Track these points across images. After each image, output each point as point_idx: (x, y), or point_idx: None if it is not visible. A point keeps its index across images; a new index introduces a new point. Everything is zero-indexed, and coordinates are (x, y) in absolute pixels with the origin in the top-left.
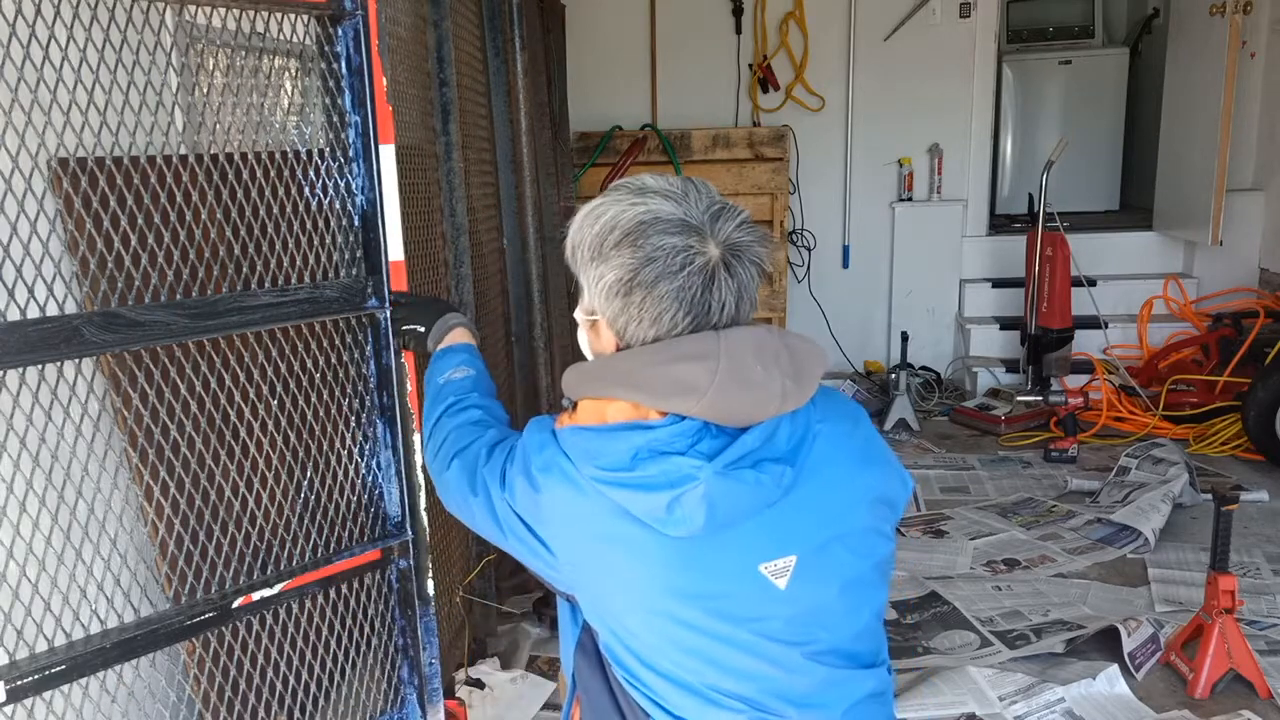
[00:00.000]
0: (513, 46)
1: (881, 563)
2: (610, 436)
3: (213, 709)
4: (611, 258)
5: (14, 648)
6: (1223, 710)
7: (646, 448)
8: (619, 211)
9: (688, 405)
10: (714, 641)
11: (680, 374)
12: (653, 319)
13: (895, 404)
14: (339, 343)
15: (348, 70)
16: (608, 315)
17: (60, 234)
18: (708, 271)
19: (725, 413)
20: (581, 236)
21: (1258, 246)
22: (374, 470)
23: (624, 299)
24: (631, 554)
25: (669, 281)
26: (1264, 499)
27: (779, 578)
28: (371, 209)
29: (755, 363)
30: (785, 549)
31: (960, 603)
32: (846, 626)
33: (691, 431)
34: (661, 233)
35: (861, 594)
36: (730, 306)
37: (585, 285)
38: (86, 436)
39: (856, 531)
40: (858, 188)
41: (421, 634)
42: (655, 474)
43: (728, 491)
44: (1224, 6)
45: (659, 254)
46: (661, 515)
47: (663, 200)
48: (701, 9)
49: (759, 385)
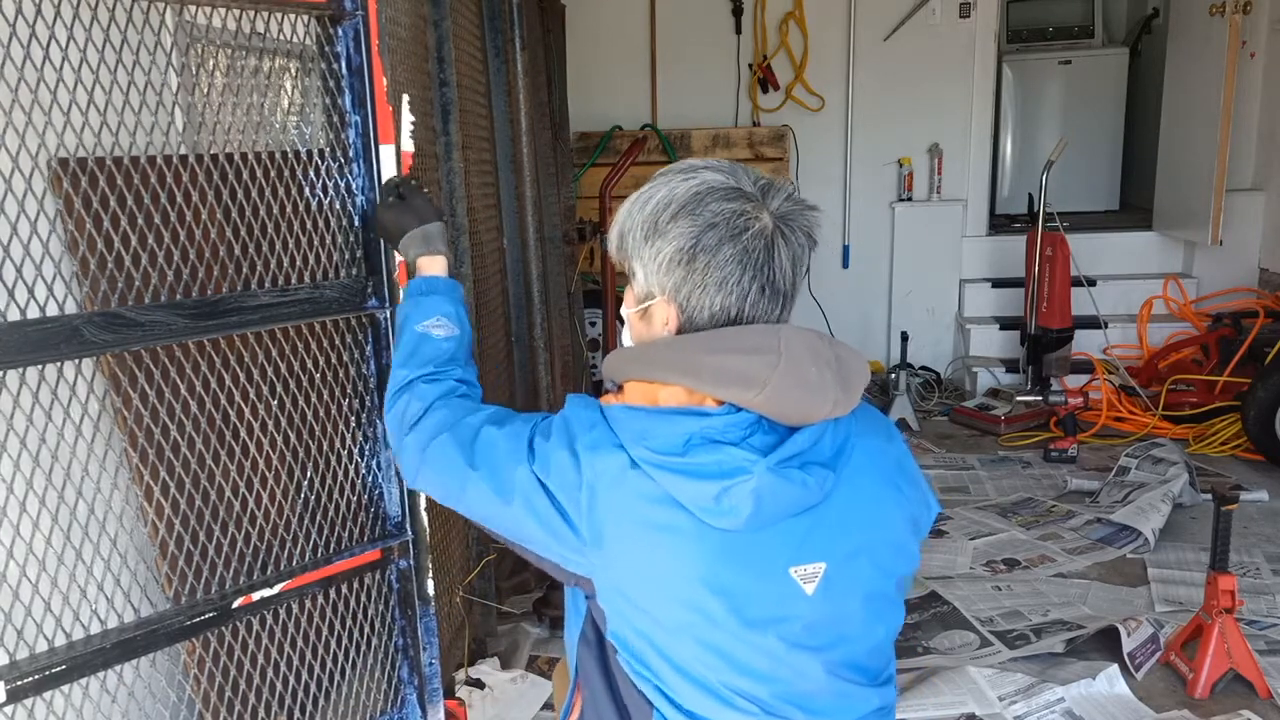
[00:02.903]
0: (513, 46)
1: (902, 581)
2: (664, 419)
3: (213, 709)
4: (669, 231)
5: (14, 648)
6: (1222, 710)
7: (700, 434)
8: (671, 188)
9: (746, 396)
10: (737, 640)
11: (740, 365)
12: (718, 284)
13: (895, 404)
14: (339, 343)
15: (348, 70)
16: (669, 289)
17: (60, 234)
18: (767, 236)
19: (781, 410)
20: (632, 221)
21: (1257, 246)
22: (374, 470)
23: (687, 267)
24: (671, 541)
25: (732, 245)
26: (1264, 499)
27: (808, 583)
28: (371, 209)
29: (811, 365)
30: (816, 555)
31: (960, 603)
32: (863, 640)
33: (746, 424)
34: (720, 199)
35: (881, 609)
36: (789, 272)
37: (640, 268)
38: (86, 436)
39: (883, 546)
40: (857, 188)
41: (421, 634)
42: (708, 462)
43: (776, 489)
44: (1224, 6)
45: (719, 219)
46: (709, 505)
47: (713, 173)
48: (701, 9)
49: (815, 387)
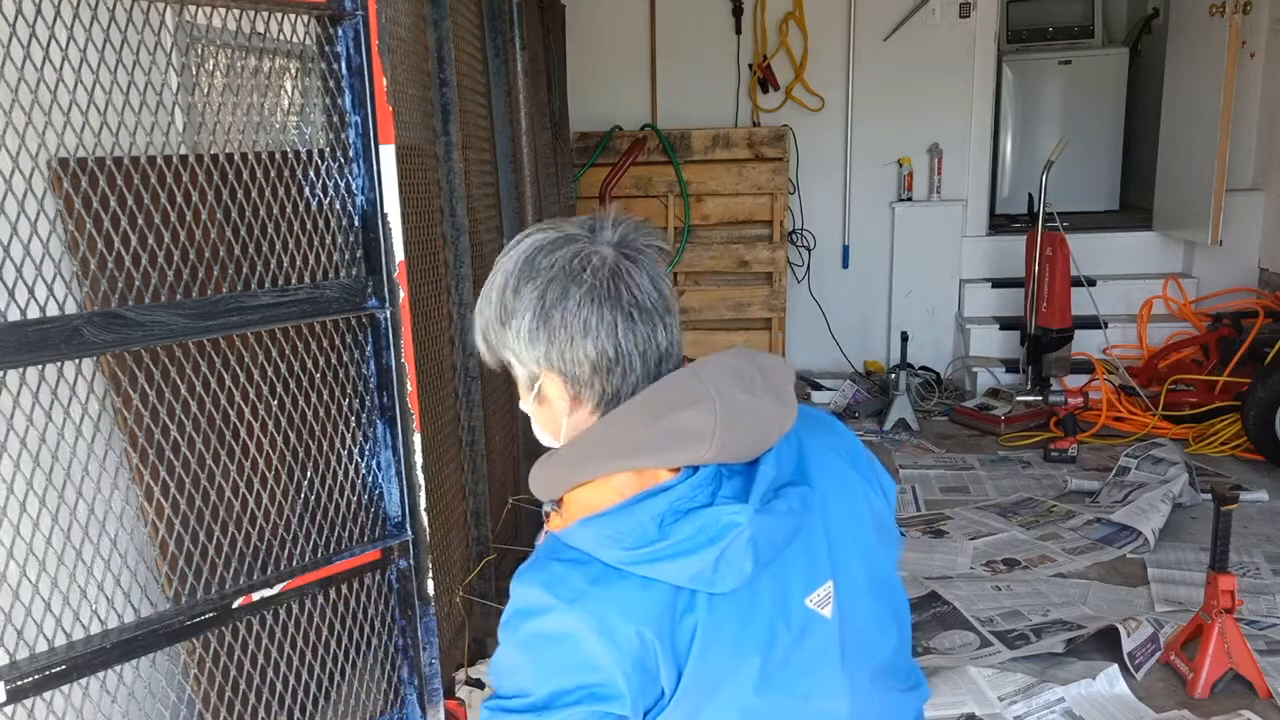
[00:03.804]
0: (513, 46)
1: (896, 564)
2: (625, 514)
3: (213, 709)
4: (516, 306)
5: (14, 648)
6: (1222, 710)
7: (670, 511)
8: (504, 268)
9: (699, 453)
10: (784, 694)
11: (679, 423)
12: (581, 330)
13: (895, 404)
14: (339, 343)
15: (348, 70)
16: (542, 360)
17: (60, 234)
18: (610, 266)
19: (735, 451)
20: (485, 317)
21: (1257, 246)
22: (374, 470)
23: (546, 329)
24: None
25: (577, 286)
26: (1264, 499)
27: (824, 607)
28: (371, 209)
29: (742, 392)
30: (822, 575)
31: (960, 603)
32: (892, 640)
33: (709, 479)
34: (548, 252)
35: (895, 603)
36: (652, 292)
37: (512, 355)
38: (86, 436)
39: (870, 531)
40: (857, 188)
41: (421, 634)
42: (691, 533)
43: (768, 530)
44: (1224, 6)
45: (555, 270)
46: (709, 575)
47: (537, 234)
48: (701, 9)
49: (757, 414)
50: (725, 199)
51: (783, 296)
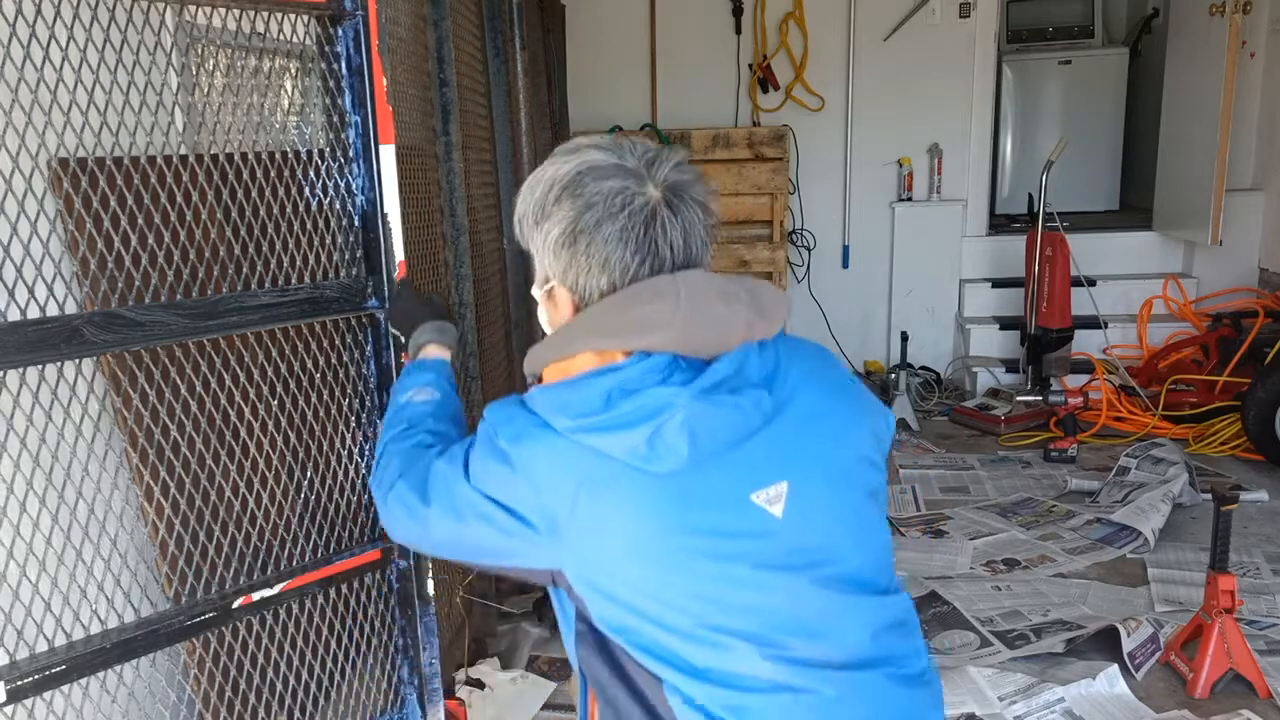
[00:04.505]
0: (513, 46)
1: (875, 492)
2: (580, 385)
3: (213, 709)
4: (554, 213)
5: (14, 648)
6: (1222, 710)
7: (619, 388)
8: (555, 170)
9: (654, 340)
10: (713, 581)
11: (643, 313)
12: (601, 264)
13: (895, 404)
14: (339, 343)
15: (348, 70)
16: (558, 272)
17: (60, 234)
18: (649, 211)
19: (692, 343)
20: (525, 205)
21: (1257, 246)
22: None
23: (570, 249)
24: (619, 499)
25: (611, 223)
26: (1263, 499)
27: (773, 505)
28: (371, 209)
29: (717, 301)
30: (775, 475)
31: (960, 603)
32: (853, 554)
33: (661, 366)
34: (598, 179)
35: (861, 522)
36: (679, 245)
37: (535, 251)
38: (86, 436)
39: (843, 458)
40: (857, 188)
41: (421, 634)
42: (631, 410)
43: (707, 416)
44: (1224, 6)
45: (597, 199)
46: (644, 451)
47: (596, 152)
48: (701, 9)
49: (723, 317)
50: (725, 199)
51: None
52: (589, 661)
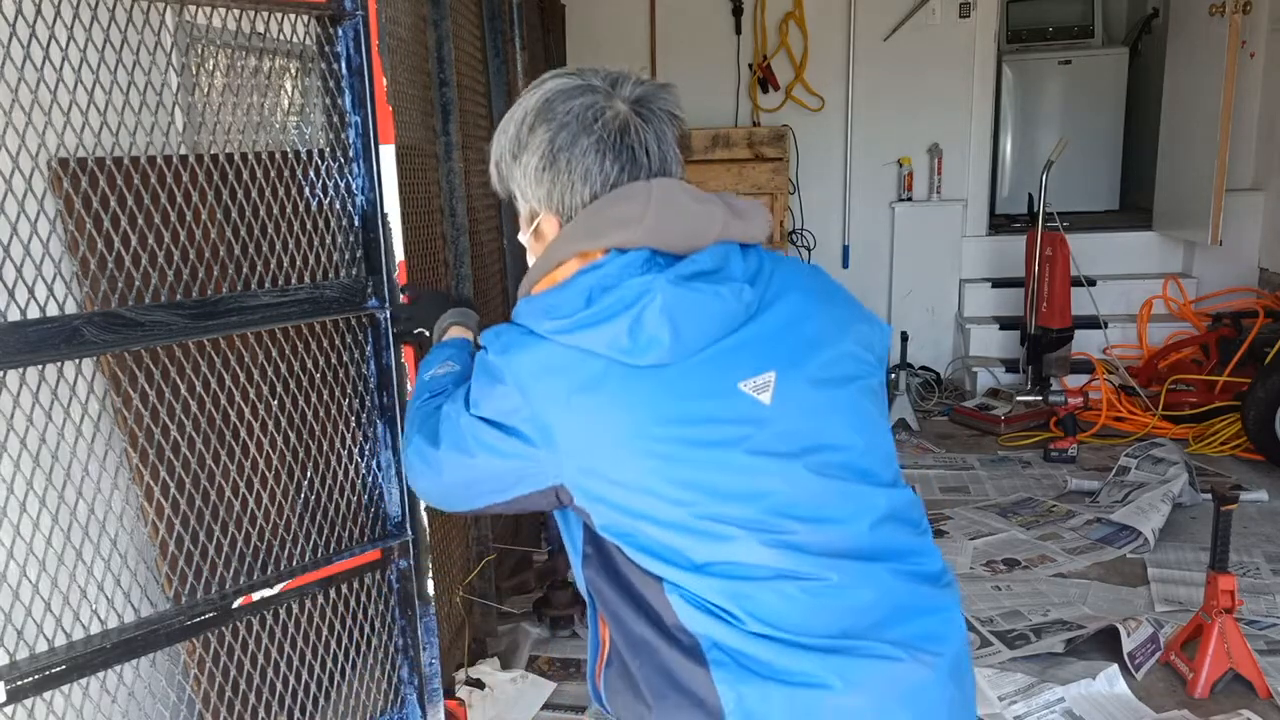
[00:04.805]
0: (513, 46)
1: (872, 389)
2: (563, 288)
3: (213, 709)
4: (529, 142)
5: (14, 648)
6: (1222, 710)
7: (598, 285)
8: (523, 104)
9: (628, 235)
10: (706, 468)
11: (615, 212)
12: (583, 176)
13: (895, 404)
14: (339, 343)
15: (348, 70)
16: (543, 198)
17: (60, 234)
18: (621, 120)
19: (666, 237)
20: (501, 146)
21: (1257, 246)
22: (374, 470)
23: (551, 171)
24: (608, 398)
25: (587, 136)
26: (1263, 499)
27: (761, 393)
28: (371, 209)
29: (690, 200)
30: (762, 366)
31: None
32: (849, 442)
33: (640, 260)
34: (566, 100)
35: (856, 412)
36: (655, 151)
37: (517, 189)
38: (86, 436)
39: (834, 353)
40: (857, 188)
41: (421, 634)
42: (611, 302)
43: (686, 303)
44: (1223, 6)
45: (569, 117)
46: (625, 343)
47: (559, 79)
48: (701, 9)
49: (696, 212)
50: None
51: None
52: (595, 582)
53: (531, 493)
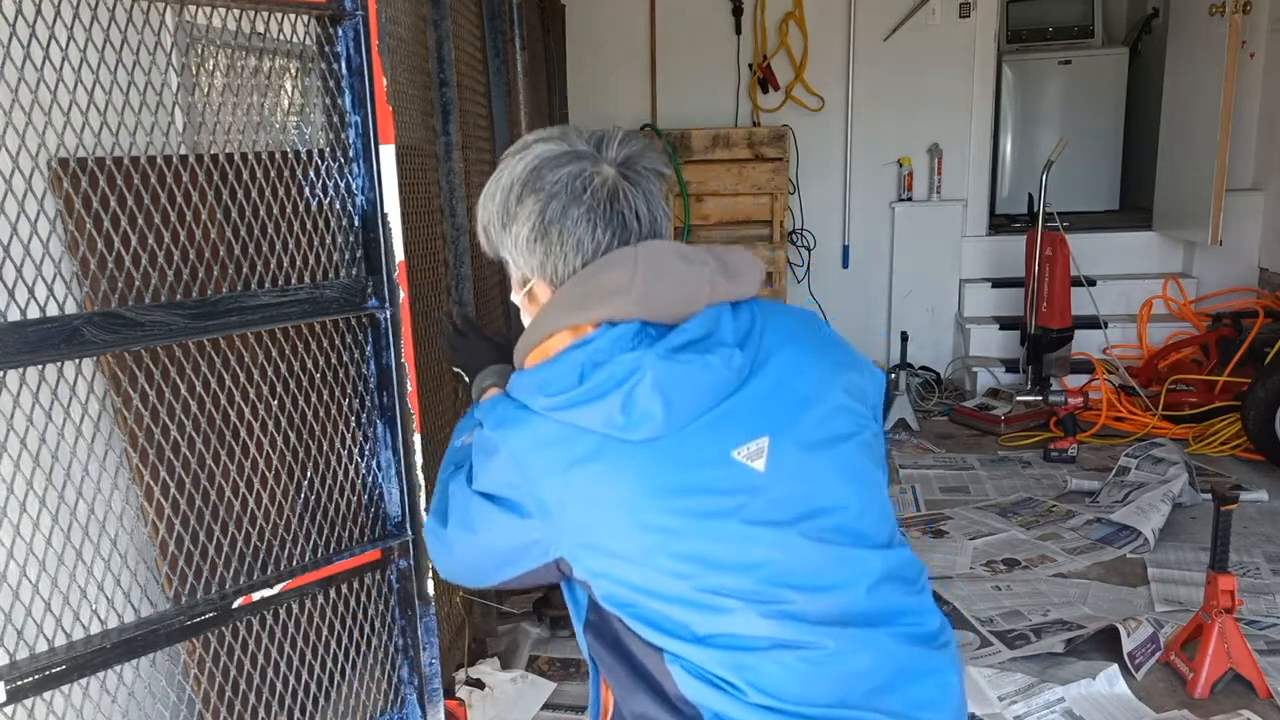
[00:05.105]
0: (513, 46)
1: (865, 443)
2: (554, 363)
3: (213, 709)
4: (519, 213)
5: (14, 648)
6: (1222, 710)
7: (590, 361)
8: (511, 171)
9: (617, 306)
10: (704, 540)
11: (603, 281)
12: (575, 246)
13: (895, 404)
14: (339, 343)
15: (348, 70)
16: (535, 268)
17: (60, 234)
18: (609, 187)
19: (655, 306)
20: (488, 213)
21: (1257, 246)
22: (374, 470)
23: (543, 242)
24: (603, 473)
25: (577, 206)
26: (1263, 499)
27: (755, 460)
28: (371, 209)
29: (678, 261)
30: (755, 431)
31: (960, 603)
32: (844, 504)
33: (630, 334)
34: (554, 168)
35: (850, 472)
36: (645, 214)
37: (508, 256)
38: (86, 436)
39: (826, 410)
40: (857, 188)
41: (421, 634)
42: (603, 379)
43: (677, 376)
44: (1223, 6)
45: (558, 187)
46: (619, 420)
47: (545, 144)
48: (701, 9)
49: (685, 278)
50: (725, 199)
51: (783, 296)
52: (597, 649)
53: (538, 567)
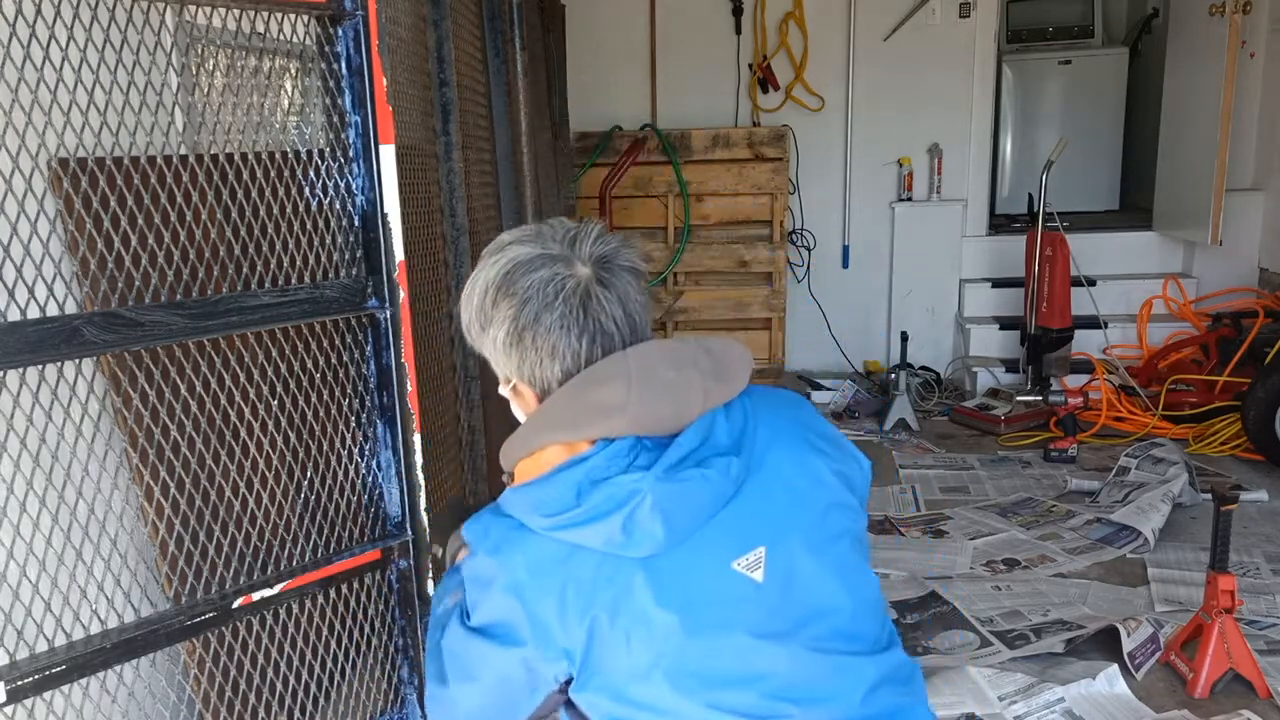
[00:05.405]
0: (513, 46)
1: (856, 539)
2: (550, 481)
3: (213, 709)
4: (494, 317)
5: (14, 648)
6: (1222, 710)
7: (586, 479)
8: (487, 273)
9: (612, 425)
10: (705, 655)
11: (597, 398)
12: (550, 353)
13: (895, 404)
14: (339, 343)
15: (348, 70)
16: (514, 371)
17: (60, 234)
18: (583, 290)
19: (650, 422)
20: (468, 314)
21: (1257, 246)
22: (374, 470)
23: (519, 347)
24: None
25: (549, 312)
26: (1263, 499)
27: (754, 571)
28: (371, 209)
29: (669, 369)
30: (752, 541)
31: (960, 603)
32: (840, 605)
33: (625, 451)
34: (527, 272)
35: (845, 571)
36: (620, 316)
37: (489, 355)
38: (86, 436)
39: (820, 510)
40: (857, 188)
41: (421, 634)
42: (601, 500)
43: (677, 495)
44: (1224, 6)
45: (531, 292)
46: (620, 539)
47: (519, 247)
48: (701, 9)
49: (678, 388)
50: (725, 199)
51: (783, 296)
52: None
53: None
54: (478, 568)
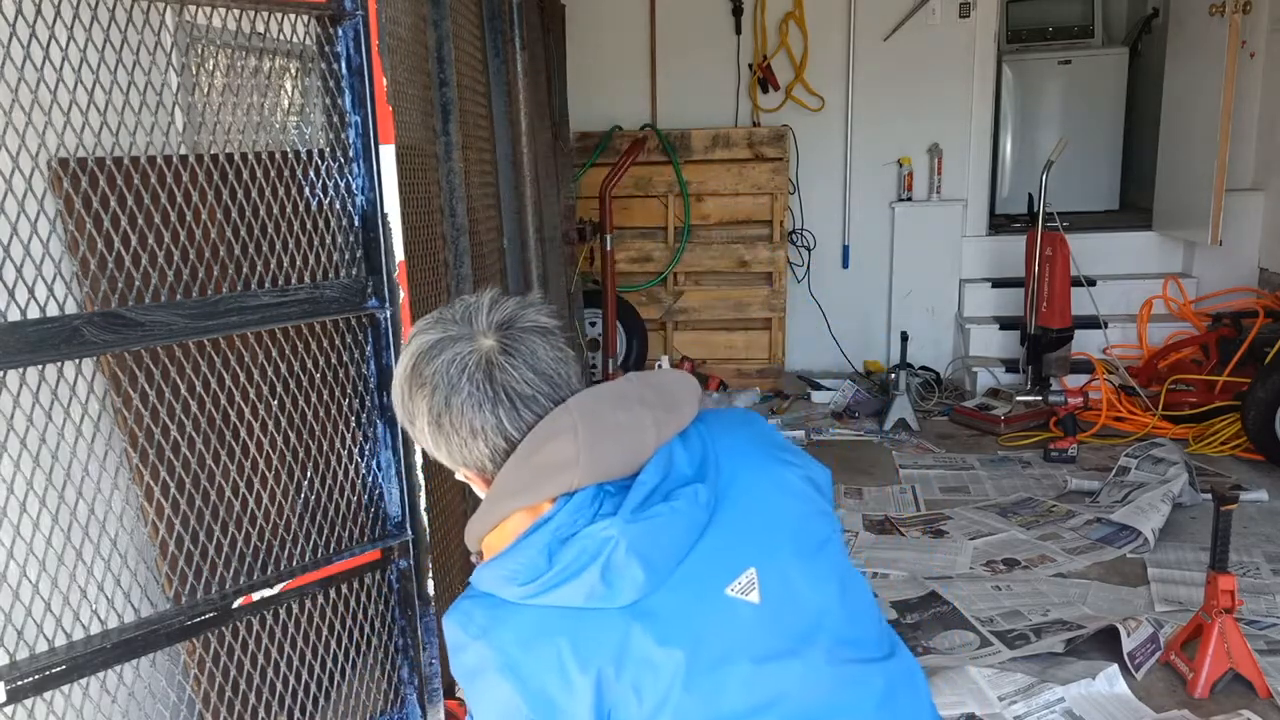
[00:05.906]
0: (513, 46)
1: (838, 545)
2: (518, 549)
3: (213, 709)
4: (414, 410)
5: (14, 648)
6: (1222, 710)
7: (555, 539)
8: (400, 370)
9: (568, 479)
10: (715, 689)
11: (546, 456)
12: (470, 433)
13: (895, 404)
14: (339, 343)
15: (348, 70)
16: (447, 459)
17: (60, 234)
18: (484, 364)
19: (606, 468)
20: (399, 414)
21: (1257, 246)
22: (374, 470)
23: (442, 434)
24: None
25: (457, 394)
26: (1263, 499)
27: (749, 593)
28: (371, 209)
29: (616, 411)
30: (740, 565)
31: (960, 603)
32: (840, 612)
33: (588, 501)
34: (430, 360)
35: (835, 577)
36: (531, 378)
37: (427, 449)
38: (86, 436)
39: (801, 519)
40: (857, 188)
41: (421, 634)
42: (574, 556)
43: (649, 534)
44: (1224, 6)
45: (438, 378)
46: (602, 591)
47: (421, 335)
48: (701, 9)
49: (627, 429)
50: (725, 199)
51: (783, 296)
52: None
53: None
54: (466, 661)
